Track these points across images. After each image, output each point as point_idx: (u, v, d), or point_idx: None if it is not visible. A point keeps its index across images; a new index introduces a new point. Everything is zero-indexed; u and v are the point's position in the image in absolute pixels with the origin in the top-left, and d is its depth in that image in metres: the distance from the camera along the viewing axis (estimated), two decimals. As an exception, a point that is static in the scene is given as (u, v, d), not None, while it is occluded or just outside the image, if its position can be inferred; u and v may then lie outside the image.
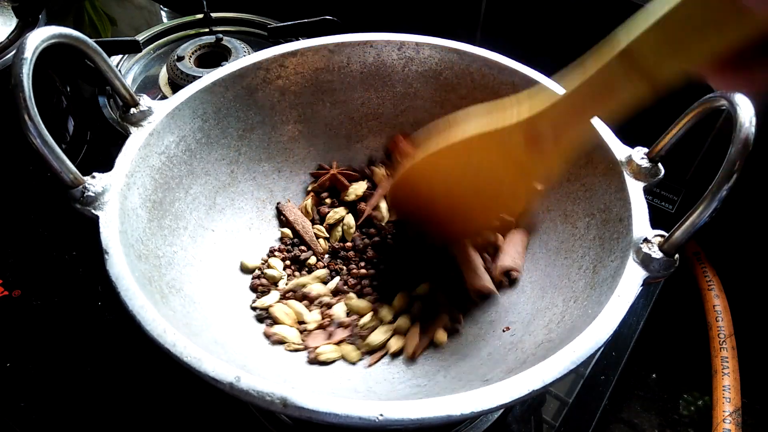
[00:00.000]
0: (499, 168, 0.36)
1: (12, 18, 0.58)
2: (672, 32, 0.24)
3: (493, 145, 0.35)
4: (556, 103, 0.31)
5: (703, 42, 0.23)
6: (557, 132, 0.32)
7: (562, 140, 0.33)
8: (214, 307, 0.38)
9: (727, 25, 0.22)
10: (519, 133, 0.33)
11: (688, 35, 0.24)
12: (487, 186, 0.38)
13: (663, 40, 0.25)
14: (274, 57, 0.45)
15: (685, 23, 0.23)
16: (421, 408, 0.26)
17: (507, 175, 0.36)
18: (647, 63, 0.26)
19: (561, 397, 0.44)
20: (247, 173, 0.46)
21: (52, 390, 0.44)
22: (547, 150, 0.33)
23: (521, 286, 0.42)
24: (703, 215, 0.30)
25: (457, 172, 0.38)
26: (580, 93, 0.30)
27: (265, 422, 0.42)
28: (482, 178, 0.37)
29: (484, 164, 0.36)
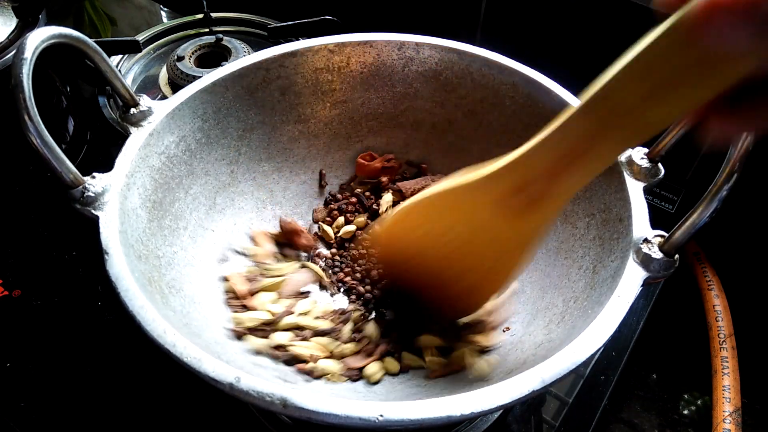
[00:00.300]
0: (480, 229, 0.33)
1: (12, 18, 0.58)
2: (653, 76, 0.22)
3: (468, 202, 0.32)
4: (530, 151, 0.28)
5: (690, 87, 0.21)
6: (538, 183, 0.29)
7: (544, 192, 0.29)
8: (214, 308, 0.38)
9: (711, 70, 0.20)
10: (494, 185, 0.30)
11: (672, 79, 0.22)
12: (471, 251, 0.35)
13: (644, 84, 0.23)
14: (274, 57, 0.45)
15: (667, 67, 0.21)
16: (421, 409, 0.26)
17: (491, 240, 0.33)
18: (630, 108, 0.24)
19: (561, 397, 0.44)
20: (247, 173, 0.46)
21: (52, 390, 0.44)
22: (528, 204, 0.30)
23: (521, 287, 0.42)
24: (703, 215, 0.30)
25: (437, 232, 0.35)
26: (556, 140, 0.27)
27: (265, 422, 0.42)
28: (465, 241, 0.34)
29: (463, 224, 0.33)
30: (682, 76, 0.21)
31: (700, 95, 0.21)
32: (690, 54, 0.20)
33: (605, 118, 0.25)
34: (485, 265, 0.35)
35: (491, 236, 0.33)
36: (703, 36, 0.18)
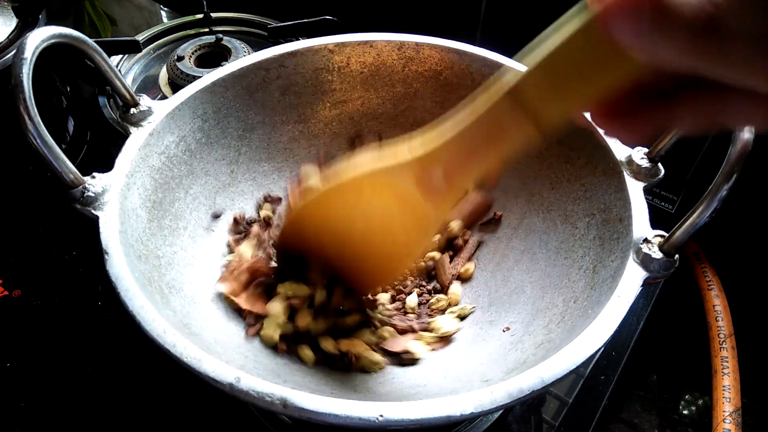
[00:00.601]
0: (394, 211, 0.35)
1: (12, 18, 0.58)
2: (554, 74, 0.24)
3: (383, 186, 0.34)
4: (446, 143, 0.30)
5: (584, 85, 0.23)
6: (449, 173, 0.31)
7: (454, 179, 0.32)
8: (214, 308, 0.38)
9: (607, 68, 0.22)
10: (409, 172, 0.32)
11: (569, 78, 0.23)
12: (383, 230, 0.36)
13: (546, 82, 0.24)
14: (274, 57, 0.45)
15: (567, 65, 0.23)
16: (421, 408, 0.26)
17: (403, 221, 0.35)
18: (532, 105, 0.25)
19: (561, 397, 0.44)
20: (247, 173, 0.46)
21: (52, 390, 0.44)
22: (439, 190, 0.32)
23: (521, 286, 0.42)
24: (703, 215, 0.30)
25: (350, 213, 0.37)
26: (470, 133, 0.29)
27: (265, 422, 0.42)
28: (378, 222, 0.36)
29: (377, 207, 0.35)
30: (580, 70, 0.23)
31: (596, 91, 0.23)
32: (587, 48, 0.22)
33: (511, 112, 0.26)
34: (400, 243, 0.37)
35: (406, 217, 0.34)
36: (601, 30, 0.19)
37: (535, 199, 0.44)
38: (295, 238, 0.40)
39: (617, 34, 0.19)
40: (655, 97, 0.22)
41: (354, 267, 0.39)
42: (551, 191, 0.42)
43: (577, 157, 0.41)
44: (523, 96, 0.25)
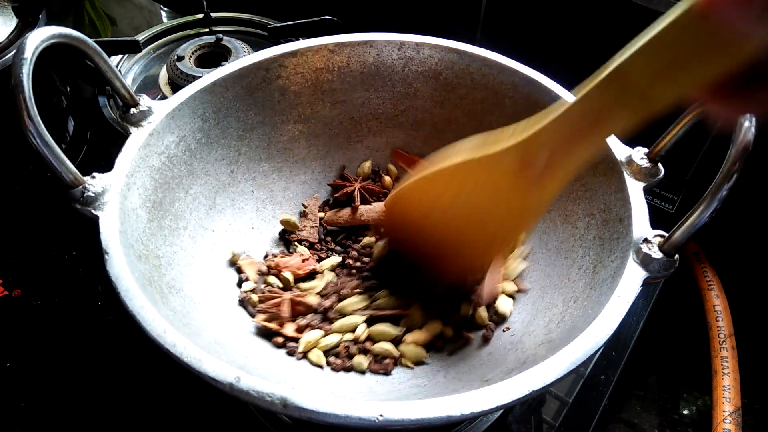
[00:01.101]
0: (491, 199, 0.34)
1: (12, 18, 0.58)
2: (663, 55, 0.23)
3: (484, 173, 0.33)
4: (548, 125, 0.30)
5: (695, 67, 0.22)
6: (552, 156, 0.30)
7: (556, 165, 0.31)
8: (214, 308, 0.38)
9: (717, 51, 0.21)
10: (510, 158, 0.32)
11: (680, 60, 0.23)
12: (478, 220, 0.36)
13: (654, 63, 0.24)
14: (274, 57, 0.45)
15: (676, 47, 0.23)
16: (421, 408, 0.26)
17: (500, 209, 0.34)
18: (640, 86, 0.25)
19: (561, 397, 0.44)
20: (247, 173, 0.46)
21: (52, 390, 0.44)
22: (540, 176, 0.32)
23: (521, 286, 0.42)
24: (703, 215, 0.30)
25: (448, 201, 0.36)
26: (572, 115, 0.28)
27: (265, 422, 0.42)
28: (474, 210, 0.36)
29: (475, 194, 0.35)
30: (690, 55, 0.22)
31: (706, 74, 0.22)
32: (698, 34, 0.21)
33: (618, 95, 0.26)
34: (491, 231, 0.36)
35: (504, 205, 0.34)
36: (711, 16, 0.18)
37: (535, 199, 0.44)
38: (394, 223, 0.41)
39: (726, 19, 0.18)
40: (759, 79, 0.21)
41: (447, 254, 0.39)
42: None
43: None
44: (629, 77, 0.25)
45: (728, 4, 0.18)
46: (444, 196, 0.36)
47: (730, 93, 0.22)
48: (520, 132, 0.31)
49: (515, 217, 0.35)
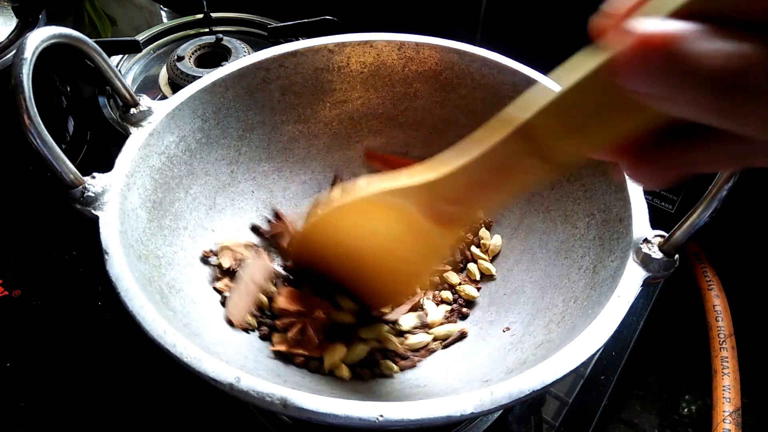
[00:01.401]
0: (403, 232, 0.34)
1: (12, 18, 0.58)
2: (567, 115, 0.23)
3: (390, 209, 0.33)
4: (450, 175, 0.29)
5: (599, 128, 0.22)
6: (456, 202, 0.31)
7: (461, 210, 0.31)
8: (214, 308, 0.38)
9: (623, 112, 0.20)
10: (415, 197, 0.32)
11: (583, 120, 0.22)
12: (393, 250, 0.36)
13: (559, 122, 0.23)
14: (274, 57, 0.45)
15: (581, 107, 0.22)
16: (421, 409, 0.26)
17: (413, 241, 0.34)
18: (544, 143, 0.24)
19: (561, 397, 0.44)
20: (247, 173, 0.46)
21: (52, 390, 0.44)
22: (446, 219, 0.32)
23: (521, 287, 0.42)
24: (703, 215, 0.30)
25: (360, 233, 0.36)
26: (476, 166, 0.28)
27: (265, 422, 0.42)
28: (387, 242, 0.36)
29: (386, 227, 0.34)
30: (599, 115, 0.22)
31: (616, 134, 0.22)
32: (606, 95, 0.20)
33: (525, 149, 0.25)
34: (408, 260, 0.36)
35: (418, 237, 0.34)
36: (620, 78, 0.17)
37: (535, 199, 0.44)
38: (306, 256, 0.40)
39: (629, 84, 0.17)
40: (678, 137, 0.20)
41: (365, 285, 0.39)
42: (551, 191, 0.42)
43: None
44: (533, 133, 0.25)
45: (629, 68, 0.16)
46: (357, 227, 0.36)
47: (646, 154, 0.21)
48: (428, 173, 0.31)
49: (429, 251, 0.35)
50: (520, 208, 0.45)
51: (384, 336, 0.40)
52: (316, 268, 0.41)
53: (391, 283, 0.38)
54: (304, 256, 0.41)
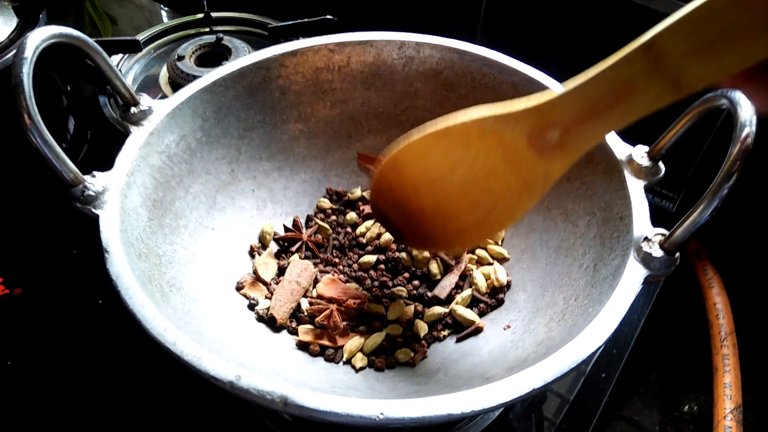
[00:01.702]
0: (497, 165, 0.32)
1: (12, 17, 0.58)
2: (704, 30, 0.21)
3: (495, 136, 0.31)
4: (572, 91, 0.27)
5: (738, 47, 0.20)
6: (569, 126, 0.28)
7: (571, 137, 0.29)
8: (214, 306, 0.38)
9: (761, 29, 0.19)
10: (526, 121, 0.29)
11: (719, 37, 0.20)
12: (480, 187, 0.33)
13: (693, 39, 0.21)
14: (274, 56, 0.45)
15: (721, 21, 0.20)
16: (421, 407, 0.26)
17: (504, 179, 0.32)
18: (673, 63, 0.22)
19: (562, 395, 0.44)
20: (247, 172, 0.46)
21: (53, 388, 0.44)
22: (552, 147, 0.29)
23: (522, 285, 0.42)
24: (703, 214, 0.30)
25: (451, 163, 0.33)
26: (595, 86, 0.26)
27: (266, 420, 0.42)
28: (477, 176, 0.33)
29: (482, 158, 0.32)
30: (730, 36, 0.20)
31: (746, 58, 0.20)
32: (742, 13, 0.19)
33: (649, 70, 0.24)
34: (491, 202, 0.34)
35: (508, 175, 0.32)
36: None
37: (536, 197, 0.44)
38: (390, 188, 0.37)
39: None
40: None
41: (447, 222, 0.37)
42: (551, 190, 0.42)
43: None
44: (663, 52, 0.22)
45: None
46: (447, 157, 0.33)
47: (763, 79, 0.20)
48: (538, 98, 0.29)
49: (517, 193, 0.32)
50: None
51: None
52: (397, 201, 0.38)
53: (479, 218, 0.35)
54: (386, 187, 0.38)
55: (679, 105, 0.36)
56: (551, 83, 0.42)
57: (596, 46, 0.51)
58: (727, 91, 0.32)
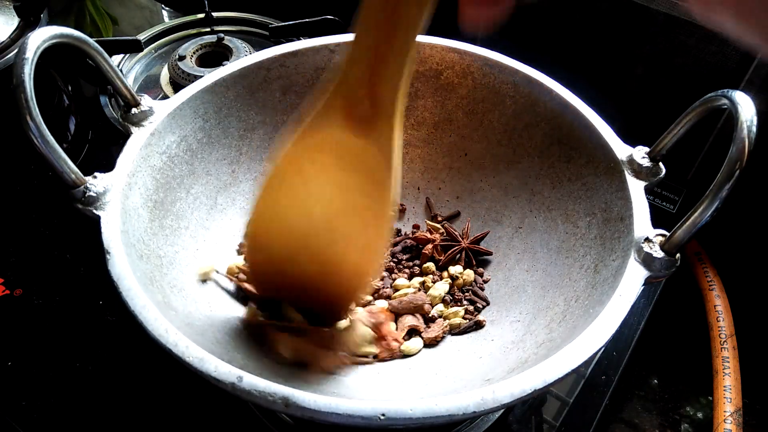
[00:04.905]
0: (341, 173, 0.31)
1: (14, 17, 0.58)
2: None
3: (324, 140, 0.31)
4: (348, 58, 0.30)
5: None
6: (371, 89, 0.30)
7: (379, 97, 0.30)
8: (215, 307, 0.38)
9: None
10: (336, 105, 0.30)
11: None
12: (344, 202, 0.32)
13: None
14: (275, 57, 0.45)
15: None
16: (423, 408, 0.26)
17: (357, 180, 0.31)
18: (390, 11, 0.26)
19: (562, 397, 0.44)
20: (248, 173, 0.46)
21: (54, 389, 0.44)
22: (370, 116, 0.30)
23: (522, 286, 0.42)
24: (704, 215, 0.30)
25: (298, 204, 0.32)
26: (364, 32, 0.30)
27: (266, 422, 0.42)
28: (335, 194, 0.32)
29: (325, 178, 0.32)
30: None
31: None
32: None
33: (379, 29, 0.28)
34: (362, 206, 0.33)
35: (358, 168, 0.31)
36: None
37: (536, 198, 0.44)
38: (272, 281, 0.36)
39: None
40: None
41: (335, 265, 0.34)
42: (552, 190, 0.43)
43: (578, 157, 0.41)
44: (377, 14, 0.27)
45: None
46: (293, 199, 0.33)
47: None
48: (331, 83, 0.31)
49: (375, 182, 0.31)
50: (521, 208, 0.45)
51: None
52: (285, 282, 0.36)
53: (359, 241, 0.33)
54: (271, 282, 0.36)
55: (680, 105, 0.36)
56: (551, 83, 0.42)
57: (596, 46, 0.51)
58: (727, 91, 0.32)
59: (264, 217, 0.34)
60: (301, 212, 0.33)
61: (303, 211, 0.33)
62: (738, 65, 0.48)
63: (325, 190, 0.32)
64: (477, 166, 0.47)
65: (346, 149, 0.31)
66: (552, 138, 0.42)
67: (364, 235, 0.33)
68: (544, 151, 0.43)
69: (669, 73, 0.51)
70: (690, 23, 0.48)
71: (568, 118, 0.41)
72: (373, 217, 0.33)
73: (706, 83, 0.50)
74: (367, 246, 0.34)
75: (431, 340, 0.40)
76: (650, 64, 0.51)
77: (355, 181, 0.32)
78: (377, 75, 0.30)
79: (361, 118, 0.30)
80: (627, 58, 0.51)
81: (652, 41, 0.50)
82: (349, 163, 0.31)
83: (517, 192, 0.45)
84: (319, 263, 0.34)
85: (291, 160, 0.32)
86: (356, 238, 0.33)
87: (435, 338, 0.40)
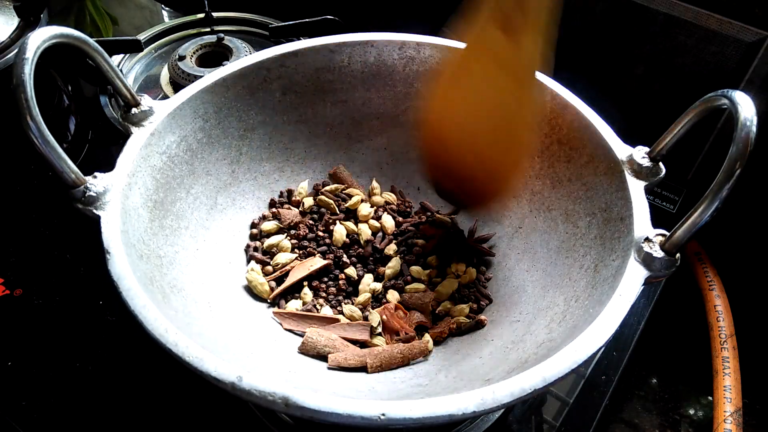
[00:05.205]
0: (496, 81, 0.36)
1: (14, 17, 0.58)
2: None
3: (483, 50, 0.36)
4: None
5: None
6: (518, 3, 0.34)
7: (526, 7, 0.34)
8: (215, 307, 0.38)
9: None
10: (491, 25, 0.34)
11: None
12: (494, 110, 0.38)
13: None
14: (275, 57, 0.45)
15: None
16: (423, 407, 0.26)
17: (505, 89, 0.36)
18: None
19: (562, 397, 0.44)
20: (248, 173, 0.46)
21: (54, 389, 0.44)
22: (522, 27, 0.34)
23: (522, 286, 0.42)
24: (704, 215, 0.30)
25: (467, 102, 0.38)
26: None
27: (266, 422, 0.42)
28: (487, 100, 0.37)
29: (484, 81, 0.37)
30: None
31: None
32: None
33: None
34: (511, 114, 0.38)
35: (510, 72, 0.36)
36: None
37: (536, 198, 0.44)
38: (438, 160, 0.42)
39: None
40: None
41: (486, 163, 0.40)
42: (552, 191, 0.43)
43: (578, 157, 0.41)
44: None
45: None
46: (464, 96, 0.38)
47: None
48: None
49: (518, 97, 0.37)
50: (521, 208, 0.45)
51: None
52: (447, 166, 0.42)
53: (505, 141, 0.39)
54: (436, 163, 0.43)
55: (680, 105, 0.36)
56: (551, 83, 0.42)
57: (596, 46, 0.51)
58: (727, 91, 0.32)
59: (440, 109, 0.40)
60: (471, 110, 0.39)
61: (472, 108, 0.38)
62: (738, 65, 0.48)
63: (487, 91, 0.37)
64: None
65: (502, 55, 0.36)
66: (552, 138, 0.42)
67: (514, 134, 0.39)
68: (544, 151, 0.43)
69: (669, 73, 0.51)
70: (690, 23, 0.48)
71: (568, 118, 0.41)
72: (521, 119, 0.39)
73: (706, 83, 0.50)
74: (514, 144, 0.40)
75: (437, 335, 0.40)
76: (650, 64, 0.51)
77: (508, 82, 0.37)
78: None
79: (510, 22, 0.35)
80: (627, 58, 0.51)
81: (652, 41, 0.50)
82: (504, 66, 0.36)
83: (517, 192, 0.45)
84: (482, 155, 0.40)
85: (461, 64, 0.37)
86: (508, 135, 0.39)
87: (441, 334, 0.41)
